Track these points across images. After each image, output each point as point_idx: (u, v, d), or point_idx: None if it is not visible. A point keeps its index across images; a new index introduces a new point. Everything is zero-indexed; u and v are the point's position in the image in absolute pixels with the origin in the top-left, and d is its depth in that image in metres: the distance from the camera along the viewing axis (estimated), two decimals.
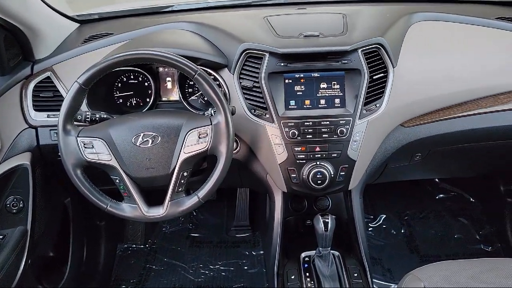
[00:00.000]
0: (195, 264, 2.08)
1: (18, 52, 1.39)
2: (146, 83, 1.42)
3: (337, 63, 1.28)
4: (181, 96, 1.39)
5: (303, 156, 1.30)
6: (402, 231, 2.26)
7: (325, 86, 1.29)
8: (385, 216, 2.33)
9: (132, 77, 1.43)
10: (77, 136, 1.10)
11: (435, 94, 1.37)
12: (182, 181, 1.13)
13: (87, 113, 1.20)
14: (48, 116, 1.36)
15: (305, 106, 1.30)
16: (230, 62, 1.31)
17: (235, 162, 1.41)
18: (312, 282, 1.29)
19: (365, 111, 1.28)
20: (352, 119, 1.27)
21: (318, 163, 1.30)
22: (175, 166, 1.11)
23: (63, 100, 1.09)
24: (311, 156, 1.30)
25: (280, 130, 1.28)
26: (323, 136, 1.29)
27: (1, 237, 1.28)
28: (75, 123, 1.15)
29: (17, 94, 1.36)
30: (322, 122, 1.28)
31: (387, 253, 2.12)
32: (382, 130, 1.35)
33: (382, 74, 1.30)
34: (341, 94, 1.29)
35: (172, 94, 1.45)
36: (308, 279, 1.30)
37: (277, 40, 1.31)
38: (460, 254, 2.10)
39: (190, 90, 1.43)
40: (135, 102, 1.45)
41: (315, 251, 1.34)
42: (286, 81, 1.29)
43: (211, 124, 1.12)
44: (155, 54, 1.08)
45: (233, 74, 1.30)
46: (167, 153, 1.11)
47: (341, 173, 1.32)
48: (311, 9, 1.61)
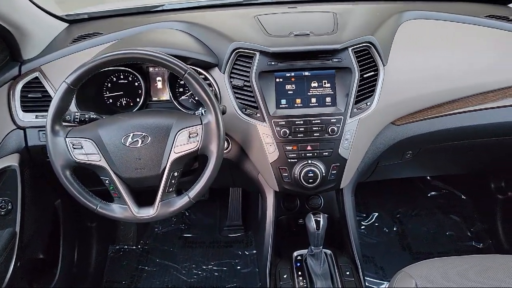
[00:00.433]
0: (188, 265, 2.07)
1: (5, 52, 1.37)
2: (136, 83, 1.41)
3: (328, 61, 1.28)
4: (171, 96, 1.39)
5: (295, 155, 1.30)
6: (395, 229, 2.27)
7: (316, 85, 1.29)
8: (377, 214, 2.34)
9: (122, 77, 1.42)
10: (66, 137, 1.09)
11: (426, 92, 1.37)
12: (173, 181, 1.12)
13: (76, 113, 1.19)
14: (36, 116, 1.35)
15: (296, 105, 1.29)
16: (220, 61, 1.30)
17: (227, 162, 1.41)
18: (304, 281, 1.29)
19: (356, 109, 1.28)
20: (343, 117, 1.27)
21: (309, 162, 1.30)
22: (165, 166, 1.10)
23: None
24: (303, 155, 1.30)
25: (271, 129, 1.28)
26: (314, 135, 1.28)
27: None
28: (64, 123, 1.14)
29: (5, 95, 1.34)
30: (313, 121, 1.28)
31: (379, 251, 2.12)
32: (373, 129, 1.36)
33: (373, 73, 1.30)
34: (332, 92, 1.29)
35: (162, 94, 1.44)
36: (300, 278, 1.30)
37: (267, 39, 1.31)
38: (452, 251, 2.12)
39: (181, 89, 1.42)
40: (125, 102, 1.44)
41: (307, 250, 1.34)
42: (277, 80, 1.29)
43: (201, 123, 1.11)
44: (144, 53, 1.07)
45: (224, 73, 1.29)
46: (157, 153, 1.10)
47: (332, 172, 1.32)
48: (302, 8, 1.61)
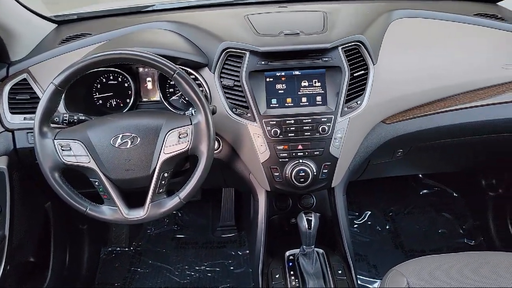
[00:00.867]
0: (181, 266, 2.07)
1: None
2: (126, 84, 1.40)
3: (318, 60, 1.28)
4: (161, 96, 1.38)
5: (286, 154, 1.30)
6: (387, 227, 2.28)
7: (306, 84, 1.29)
8: (370, 212, 2.35)
9: (111, 77, 1.41)
10: (54, 139, 1.08)
11: (415, 90, 1.38)
12: (163, 182, 1.11)
13: (64, 115, 1.18)
14: (24, 118, 1.33)
15: (286, 105, 1.29)
16: (210, 61, 1.30)
17: (218, 162, 1.41)
18: (296, 281, 1.28)
19: (346, 108, 1.28)
20: (333, 116, 1.27)
21: (300, 161, 1.30)
22: (155, 167, 1.09)
23: None
24: (294, 154, 1.30)
25: (262, 128, 1.27)
26: (305, 134, 1.28)
27: None
28: (53, 125, 1.13)
29: None
30: (304, 120, 1.28)
31: (372, 249, 2.13)
32: (364, 127, 1.36)
33: (363, 72, 1.30)
34: (323, 91, 1.29)
35: (152, 94, 1.44)
36: (292, 278, 1.30)
37: (257, 38, 1.31)
38: (444, 248, 2.13)
39: (171, 90, 1.42)
40: (115, 103, 1.43)
41: (299, 249, 1.34)
42: (267, 79, 1.29)
43: (191, 124, 1.10)
44: (132, 54, 1.06)
45: (214, 73, 1.29)
46: (147, 154, 1.09)
47: (323, 171, 1.32)
48: (292, 7, 1.61)
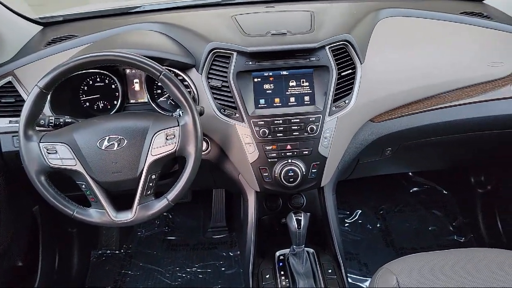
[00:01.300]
0: (172, 268, 2.06)
1: None
2: (113, 86, 1.39)
3: (305, 60, 1.28)
4: (149, 97, 1.37)
5: (275, 154, 1.30)
6: (378, 225, 2.28)
7: (294, 84, 1.29)
8: (361, 211, 2.35)
9: (98, 79, 1.40)
10: (39, 142, 1.06)
11: (403, 89, 1.38)
12: (151, 184, 1.10)
13: (50, 117, 1.16)
14: (10, 122, 1.32)
15: (274, 105, 1.29)
16: (198, 62, 1.29)
17: (207, 163, 1.40)
18: (287, 281, 1.28)
19: (334, 107, 1.28)
20: (321, 116, 1.28)
21: (289, 161, 1.30)
22: (142, 169, 1.09)
23: None
24: (283, 154, 1.30)
25: (251, 129, 1.27)
26: (294, 134, 1.28)
27: None
28: (39, 128, 1.11)
29: None
30: (292, 120, 1.28)
31: (363, 248, 2.14)
32: (352, 126, 1.36)
33: (350, 71, 1.30)
34: (311, 91, 1.29)
35: (140, 96, 1.43)
36: (283, 278, 1.30)
37: (244, 39, 1.30)
38: (434, 245, 2.15)
39: (159, 91, 1.41)
40: (102, 105, 1.41)
41: (289, 249, 1.34)
42: (255, 79, 1.28)
43: (179, 125, 1.10)
44: (117, 55, 1.05)
45: (201, 74, 1.28)
46: (134, 156, 1.08)
47: (312, 170, 1.32)
48: (279, 7, 1.61)
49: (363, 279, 1.95)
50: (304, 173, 1.30)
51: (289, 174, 1.28)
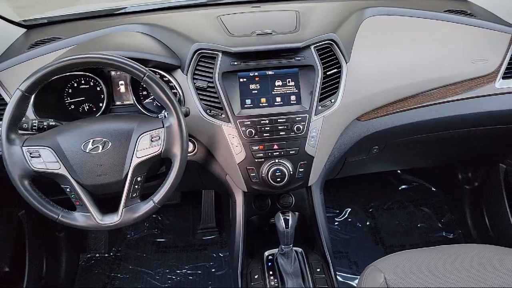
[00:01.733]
0: (161, 270, 2.05)
1: None
2: (98, 88, 1.38)
3: (291, 60, 1.28)
4: (135, 99, 1.36)
5: (261, 154, 1.29)
6: (367, 223, 2.30)
7: (280, 83, 1.29)
8: (350, 209, 2.36)
9: (83, 81, 1.38)
10: (22, 146, 1.05)
11: (388, 87, 1.39)
12: (136, 186, 1.10)
13: (34, 121, 1.15)
14: None
15: (261, 105, 1.29)
16: (183, 63, 1.29)
17: (194, 164, 1.40)
18: (275, 280, 1.28)
19: (320, 107, 1.29)
20: (308, 115, 1.28)
21: (276, 160, 1.30)
22: (127, 171, 1.08)
23: None
24: (269, 154, 1.30)
25: (237, 129, 1.27)
26: (280, 133, 1.28)
27: None
28: (22, 132, 1.10)
29: None
30: (279, 120, 1.28)
31: (353, 246, 2.15)
32: (338, 125, 1.36)
33: (336, 70, 1.30)
34: (296, 91, 1.29)
35: (126, 97, 1.41)
36: (271, 278, 1.29)
37: (229, 39, 1.30)
38: (423, 242, 2.16)
39: (144, 93, 1.40)
40: (87, 107, 1.40)
41: (278, 249, 1.34)
42: (241, 80, 1.28)
43: (163, 126, 1.09)
44: (100, 57, 1.04)
45: (187, 75, 1.28)
46: (119, 159, 1.08)
47: (300, 170, 1.32)
48: (265, 7, 1.61)
49: (353, 277, 1.96)
50: (291, 172, 1.30)
51: (276, 174, 1.28)
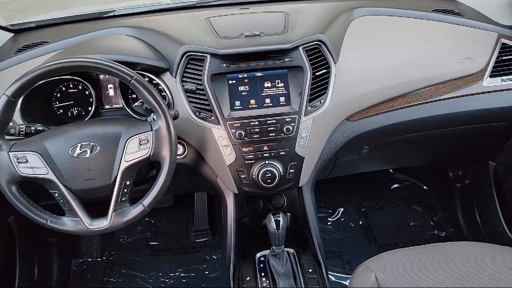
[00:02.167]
0: (155, 273, 2.04)
1: None
2: (86, 92, 1.37)
3: (280, 61, 1.28)
4: (124, 103, 1.35)
5: (252, 156, 1.29)
6: (360, 222, 2.30)
7: (269, 85, 1.29)
8: (343, 209, 2.36)
9: (71, 86, 1.38)
10: (9, 151, 1.04)
11: (378, 87, 1.39)
12: (125, 190, 1.09)
13: (21, 126, 1.14)
14: None
15: (250, 106, 1.29)
16: (171, 66, 1.29)
17: (184, 167, 1.39)
18: (267, 282, 1.28)
19: (310, 107, 1.29)
20: (297, 116, 1.28)
21: (267, 162, 1.29)
22: (116, 175, 1.07)
23: None
24: (260, 155, 1.29)
25: (227, 131, 1.27)
26: (270, 135, 1.28)
27: None
28: (9, 137, 1.09)
29: None
30: (268, 121, 1.28)
31: (346, 246, 2.15)
32: (328, 126, 1.37)
33: (325, 70, 1.31)
34: (286, 92, 1.29)
35: (115, 101, 1.41)
36: (263, 279, 1.29)
37: (218, 41, 1.30)
38: (415, 241, 2.17)
39: (134, 96, 1.39)
40: (76, 111, 1.39)
41: (269, 250, 1.34)
42: (230, 82, 1.28)
43: (152, 130, 1.09)
44: (86, 61, 1.04)
45: (175, 77, 1.28)
46: (108, 163, 1.07)
47: (290, 171, 1.32)
48: (254, 8, 1.61)
49: (346, 277, 1.96)
50: (282, 173, 1.30)
51: (267, 175, 1.28)
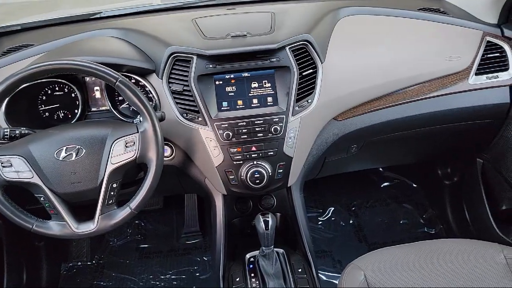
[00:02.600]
0: (145, 276, 2.03)
1: None
2: (72, 94, 1.36)
3: (266, 61, 1.28)
4: (110, 105, 1.35)
5: (240, 156, 1.29)
6: (351, 221, 2.31)
7: (256, 85, 1.29)
8: (333, 208, 2.37)
9: (57, 88, 1.36)
10: None
11: (364, 86, 1.40)
12: (112, 193, 1.08)
13: (5, 129, 1.12)
14: None
15: (237, 107, 1.29)
16: (158, 67, 1.28)
17: (172, 169, 1.38)
18: (257, 282, 1.28)
19: (297, 107, 1.29)
20: (285, 116, 1.28)
21: (255, 162, 1.29)
22: (103, 178, 1.06)
23: None
24: (248, 156, 1.29)
25: (214, 132, 1.26)
26: (258, 135, 1.28)
27: None
28: None
29: None
30: (256, 122, 1.27)
31: (336, 245, 2.16)
32: (316, 125, 1.37)
33: (312, 70, 1.31)
34: (273, 92, 1.29)
35: (102, 103, 1.39)
36: (253, 280, 1.29)
37: (204, 42, 1.30)
38: (406, 239, 2.18)
39: (120, 98, 1.38)
40: (62, 114, 1.38)
41: (259, 251, 1.34)
42: (217, 82, 1.28)
43: (138, 131, 1.08)
44: (71, 63, 1.03)
45: (162, 79, 1.27)
46: (94, 165, 1.06)
47: (279, 171, 1.32)
48: (241, 9, 1.61)
49: (337, 276, 1.97)
50: (270, 174, 1.29)
51: (255, 175, 1.28)
